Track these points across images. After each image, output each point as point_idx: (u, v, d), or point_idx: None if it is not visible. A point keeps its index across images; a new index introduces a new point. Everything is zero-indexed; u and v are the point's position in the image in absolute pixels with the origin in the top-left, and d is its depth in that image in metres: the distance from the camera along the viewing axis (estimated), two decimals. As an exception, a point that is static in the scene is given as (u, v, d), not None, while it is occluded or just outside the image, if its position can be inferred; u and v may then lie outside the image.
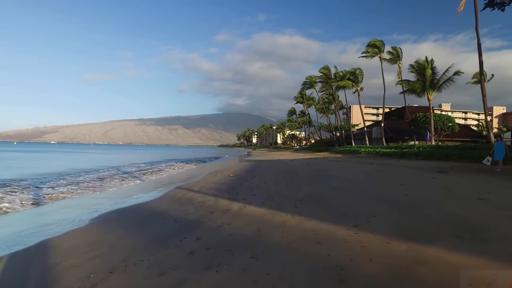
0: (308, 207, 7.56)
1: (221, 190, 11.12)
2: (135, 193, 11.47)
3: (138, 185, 14.20)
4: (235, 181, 13.84)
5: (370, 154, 29.53)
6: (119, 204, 9.22)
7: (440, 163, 18.27)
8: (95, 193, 11.57)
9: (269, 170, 19.28)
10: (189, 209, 7.84)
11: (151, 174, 19.07)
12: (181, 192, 11.09)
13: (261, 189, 11.07)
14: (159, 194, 10.90)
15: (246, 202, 8.52)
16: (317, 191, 10.15)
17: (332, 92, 58.55)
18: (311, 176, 14.55)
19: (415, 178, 12.73)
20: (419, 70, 35.00)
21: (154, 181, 15.60)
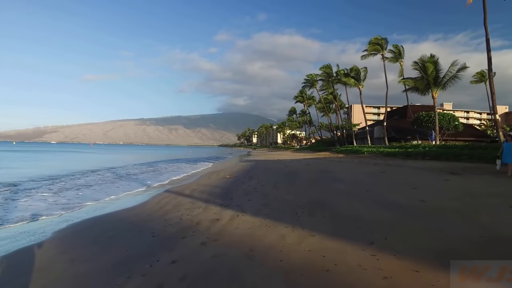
0: (312, 216, 6.49)
1: (213, 194, 10.04)
2: (120, 198, 10.40)
3: (125, 188, 13.11)
4: (231, 184, 12.76)
5: (373, 154, 28.45)
6: (98, 210, 8.14)
7: (450, 164, 17.18)
8: (76, 197, 10.48)
9: (267, 171, 18.20)
10: (173, 218, 6.76)
11: (143, 175, 18.01)
12: (169, 196, 10.01)
13: (258, 193, 9.99)
14: (146, 198, 9.83)
15: (239, 209, 7.45)
16: (321, 195, 9.07)
17: (333, 91, 57.51)
18: (313, 178, 13.47)
19: (426, 180, 11.64)
20: (423, 67, 33.88)
21: (143, 183, 14.51)
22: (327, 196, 8.92)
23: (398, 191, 9.32)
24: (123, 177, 16.95)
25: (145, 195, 10.80)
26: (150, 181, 15.00)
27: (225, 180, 14.42)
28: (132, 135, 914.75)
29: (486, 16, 23.25)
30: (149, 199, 9.69)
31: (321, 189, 10.49)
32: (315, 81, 60.02)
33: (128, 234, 5.62)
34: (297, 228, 5.55)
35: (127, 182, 14.80)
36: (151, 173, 19.76)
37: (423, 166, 17.25)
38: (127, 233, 5.69)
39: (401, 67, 43.26)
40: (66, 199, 9.95)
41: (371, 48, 43.60)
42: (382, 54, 43.61)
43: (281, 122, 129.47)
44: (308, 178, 13.58)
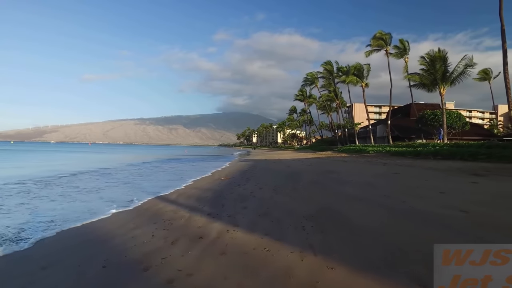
0: (323, 233, 4.93)
1: (202, 200, 8.47)
2: (93, 206, 8.83)
3: (104, 192, 11.54)
4: (225, 187, 11.20)
5: (379, 154, 26.90)
6: (55, 224, 6.56)
7: (467, 164, 15.64)
8: (41, 206, 8.89)
9: (267, 172, 16.66)
10: (142, 235, 5.19)
11: (132, 176, 16.44)
12: (149, 203, 8.45)
13: (255, 198, 8.43)
14: (120, 205, 8.27)
15: (231, 221, 5.89)
16: (330, 202, 7.51)
17: (334, 89, 55.90)
18: (318, 180, 11.91)
19: (450, 183, 10.08)
20: (431, 62, 32.26)
21: (129, 186, 12.94)
22: (338, 203, 7.36)
23: (424, 196, 7.75)
24: (108, 175, 15.38)
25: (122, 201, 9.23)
26: (137, 182, 13.44)
27: (219, 182, 12.87)
28: (132, 135, 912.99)
29: (502, 5, 21.70)
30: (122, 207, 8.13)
31: (329, 193, 8.93)
32: (315, 78, 58.32)
33: (69, 262, 4.05)
34: (308, 254, 3.98)
35: (110, 184, 13.23)
36: (141, 173, 18.22)
37: (438, 166, 15.70)
38: (69, 260, 4.12)
39: (406, 63, 41.75)
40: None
41: (375, 43, 41.94)
42: (386, 49, 41.98)
43: (281, 121, 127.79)
44: (312, 180, 12.03)
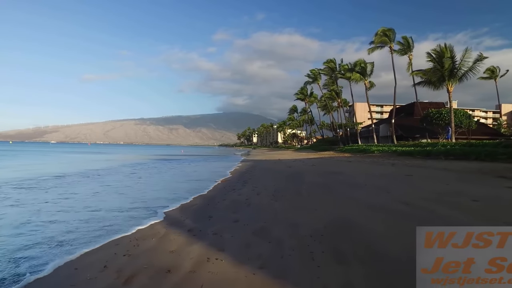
0: (341, 264, 3.53)
1: (187, 210, 7.09)
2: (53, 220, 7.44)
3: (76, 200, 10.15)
4: (218, 191, 9.84)
5: (385, 154, 25.47)
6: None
7: (486, 165, 14.23)
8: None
9: (266, 174, 15.27)
10: (92, 265, 3.80)
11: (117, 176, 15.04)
12: (122, 213, 7.05)
13: (251, 207, 7.04)
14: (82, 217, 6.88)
15: (215, 243, 4.49)
16: (342, 212, 6.10)
17: (336, 87, 54.52)
18: (324, 184, 10.50)
19: (479, 188, 8.64)
20: (438, 58, 30.82)
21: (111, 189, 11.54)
22: (351, 213, 5.96)
23: (456, 206, 6.33)
24: (91, 176, 13.97)
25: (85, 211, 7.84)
26: (121, 186, 12.03)
27: (215, 184, 11.50)
28: (132, 135, 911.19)
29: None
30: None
31: (338, 200, 7.52)
32: (318, 75, 56.90)
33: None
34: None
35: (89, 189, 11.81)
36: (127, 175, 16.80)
37: (452, 167, 14.29)
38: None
39: (410, 60, 40.43)
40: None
41: (378, 39, 40.45)
42: (390, 46, 40.54)
43: (282, 121, 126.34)
44: (317, 184, 10.61)
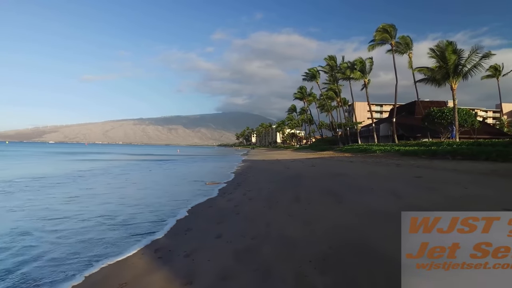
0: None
1: (168, 212, 6.00)
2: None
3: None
4: (204, 197, 8.73)
5: (388, 153, 24.34)
6: None
7: (500, 165, 13.17)
8: None
9: (262, 176, 14.17)
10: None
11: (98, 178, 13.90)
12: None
13: (239, 217, 5.94)
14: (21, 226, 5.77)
15: (183, 272, 3.37)
16: (353, 226, 4.97)
17: (335, 86, 53.47)
18: (326, 188, 9.37)
19: (506, 192, 7.56)
20: (441, 54, 29.72)
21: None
22: (365, 228, 4.83)
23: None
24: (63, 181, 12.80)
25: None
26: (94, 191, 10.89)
27: (205, 187, 10.41)
28: (131, 135, 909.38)
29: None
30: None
31: (345, 208, 6.40)
32: (316, 73, 55.84)
33: None
34: None
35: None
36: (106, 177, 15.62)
37: (463, 168, 13.21)
38: None
39: (410, 59, 39.52)
40: None
41: (379, 36, 39.33)
42: (391, 43, 39.46)
43: (281, 121, 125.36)
44: (318, 187, 9.49)
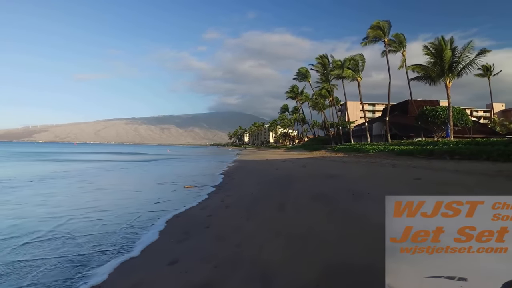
0: None
1: (108, 235, 4.85)
2: None
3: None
4: (173, 203, 7.61)
5: (382, 153, 23.40)
6: None
7: (503, 166, 12.27)
8: None
9: (248, 178, 13.09)
10: None
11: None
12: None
13: (209, 232, 4.84)
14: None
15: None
16: (350, 249, 3.94)
17: (328, 85, 52.63)
18: (318, 193, 8.27)
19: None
20: (436, 51, 28.95)
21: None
22: (371, 251, 3.81)
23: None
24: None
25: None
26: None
27: (178, 192, 9.28)
28: (123, 135, 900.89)
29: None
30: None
31: (339, 219, 5.30)
32: (307, 72, 55.03)
33: None
34: None
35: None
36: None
37: (464, 168, 12.28)
38: None
39: (404, 57, 38.93)
40: None
41: (372, 33, 38.50)
42: (384, 40, 38.70)
43: (273, 120, 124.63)
44: (308, 192, 8.39)
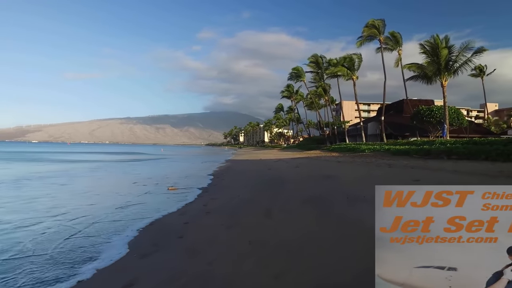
0: None
1: (57, 254, 4.17)
2: None
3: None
4: (155, 205, 6.95)
5: (377, 153, 22.88)
6: None
7: (502, 166, 11.82)
8: None
9: (238, 179, 12.47)
10: None
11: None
12: None
13: (181, 243, 4.19)
14: None
15: None
16: (351, 266, 3.34)
17: (323, 83, 52.16)
18: (308, 194, 7.67)
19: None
20: (433, 49, 28.48)
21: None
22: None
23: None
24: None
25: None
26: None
27: (164, 193, 8.62)
28: (118, 134, 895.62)
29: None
30: None
31: (339, 230, 4.67)
32: (302, 72, 54.54)
33: None
34: None
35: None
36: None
37: (463, 169, 11.76)
38: None
39: (399, 56, 38.63)
40: None
41: (367, 32, 38.15)
42: (379, 39, 38.30)
43: (268, 120, 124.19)
44: (300, 195, 7.75)
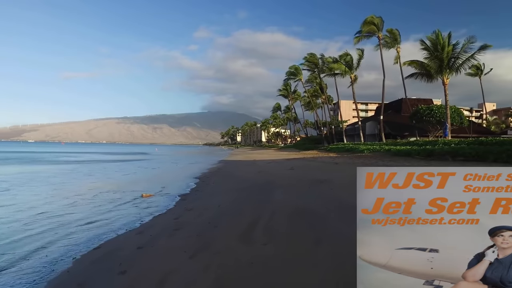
0: None
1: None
2: None
3: None
4: (111, 223, 5.79)
5: (377, 153, 21.74)
6: None
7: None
8: None
9: (224, 183, 11.30)
10: None
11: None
12: None
13: (123, 280, 3.05)
14: None
15: None
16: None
17: (320, 82, 51.14)
18: (299, 203, 6.52)
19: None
20: (434, 46, 27.40)
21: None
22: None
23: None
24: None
25: None
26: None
27: (135, 202, 7.45)
28: (116, 134, 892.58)
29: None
30: None
31: (333, 260, 3.59)
32: (299, 70, 53.58)
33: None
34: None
35: None
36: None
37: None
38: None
39: (398, 53, 37.67)
40: None
41: (366, 28, 37.00)
42: (378, 36, 37.26)
43: (265, 119, 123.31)
44: (290, 205, 6.59)
